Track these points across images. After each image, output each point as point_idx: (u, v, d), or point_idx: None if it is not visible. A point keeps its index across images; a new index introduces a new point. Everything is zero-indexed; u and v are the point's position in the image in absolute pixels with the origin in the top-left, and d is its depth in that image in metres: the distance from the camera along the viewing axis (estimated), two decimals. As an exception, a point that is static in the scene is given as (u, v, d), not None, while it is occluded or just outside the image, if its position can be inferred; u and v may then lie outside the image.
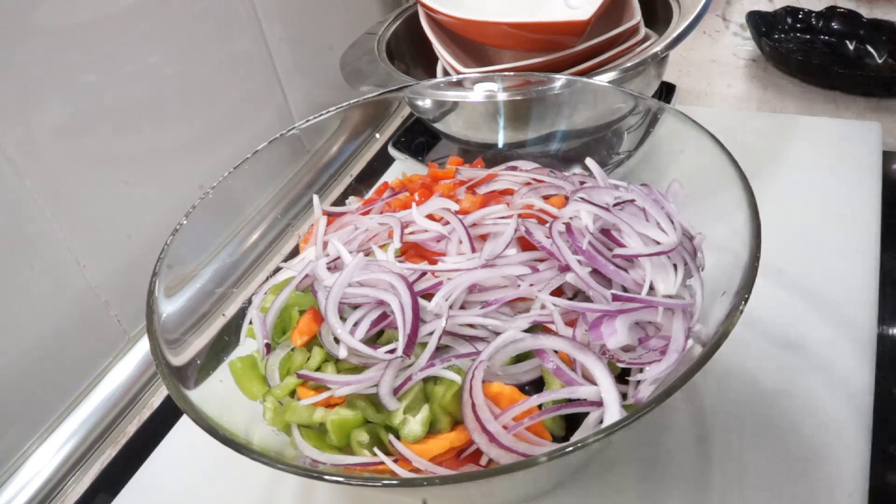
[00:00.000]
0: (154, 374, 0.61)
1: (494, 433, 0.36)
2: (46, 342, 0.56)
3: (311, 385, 0.41)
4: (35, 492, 0.53)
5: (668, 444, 0.46)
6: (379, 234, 0.47)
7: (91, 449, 0.57)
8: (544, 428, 0.38)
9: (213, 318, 0.46)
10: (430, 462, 0.37)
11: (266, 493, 0.48)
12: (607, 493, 0.44)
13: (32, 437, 0.56)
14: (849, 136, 0.69)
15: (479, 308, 0.41)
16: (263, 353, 0.44)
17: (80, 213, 0.57)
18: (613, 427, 0.31)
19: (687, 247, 0.43)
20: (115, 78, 0.57)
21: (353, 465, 0.38)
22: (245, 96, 0.73)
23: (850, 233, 0.58)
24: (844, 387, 0.47)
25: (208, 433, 0.35)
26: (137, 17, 0.58)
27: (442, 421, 0.38)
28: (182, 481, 0.51)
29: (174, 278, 0.44)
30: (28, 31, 0.50)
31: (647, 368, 0.38)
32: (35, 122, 0.52)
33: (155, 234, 0.55)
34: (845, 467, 0.43)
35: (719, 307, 0.38)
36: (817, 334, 0.51)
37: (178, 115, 0.64)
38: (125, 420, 0.59)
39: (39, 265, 0.54)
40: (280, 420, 0.40)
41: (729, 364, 0.49)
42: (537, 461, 0.30)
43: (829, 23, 0.86)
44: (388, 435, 0.38)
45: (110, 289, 0.60)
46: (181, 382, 0.38)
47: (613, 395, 0.37)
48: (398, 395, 0.39)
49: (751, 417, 0.46)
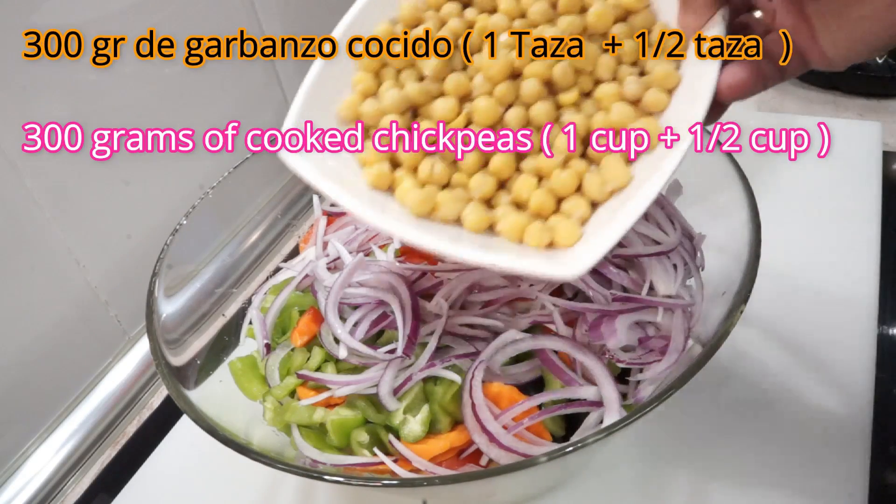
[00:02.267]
0: (154, 375, 0.61)
1: (494, 433, 0.36)
2: (46, 342, 0.56)
3: (310, 385, 0.41)
4: (35, 492, 0.53)
5: (668, 444, 0.46)
6: (379, 234, 0.47)
7: (91, 449, 0.57)
8: (544, 428, 0.38)
9: (212, 318, 0.46)
10: (430, 462, 0.37)
11: (266, 494, 0.48)
12: (607, 493, 0.44)
13: (32, 437, 0.56)
14: (849, 136, 0.68)
15: (479, 308, 0.41)
16: (263, 353, 0.44)
17: (80, 213, 0.57)
18: (613, 427, 0.31)
19: (687, 247, 0.43)
20: (116, 78, 0.57)
21: (353, 465, 0.38)
22: (245, 96, 0.73)
23: (850, 233, 0.58)
24: (844, 387, 0.47)
25: (208, 433, 0.35)
26: (137, 17, 0.58)
27: (442, 421, 0.38)
28: (182, 481, 0.51)
29: (174, 278, 0.44)
30: (28, 30, 0.50)
31: (646, 368, 0.38)
32: (35, 121, 0.52)
33: (155, 234, 0.55)
34: (845, 467, 0.43)
35: (719, 307, 0.38)
36: (817, 334, 0.51)
37: (179, 115, 0.64)
38: (125, 420, 0.59)
39: (39, 265, 0.54)
40: (280, 420, 0.40)
41: (729, 364, 0.49)
42: (537, 461, 0.30)
43: (829, 23, 0.86)
44: (388, 435, 0.38)
45: (110, 289, 0.60)
46: (181, 382, 0.38)
47: (613, 395, 0.37)
48: (398, 395, 0.39)
49: (751, 417, 0.46)
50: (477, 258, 0.30)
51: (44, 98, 0.52)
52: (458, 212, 0.33)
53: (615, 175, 0.32)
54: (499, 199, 0.33)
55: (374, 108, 0.35)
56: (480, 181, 0.33)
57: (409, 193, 0.33)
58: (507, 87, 0.34)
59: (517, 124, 0.33)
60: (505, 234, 0.32)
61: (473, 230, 0.32)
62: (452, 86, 0.35)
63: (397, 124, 0.34)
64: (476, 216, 0.32)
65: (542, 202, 0.32)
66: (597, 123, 0.33)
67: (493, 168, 0.33)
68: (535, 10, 0.35)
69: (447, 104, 0.34)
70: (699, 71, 0.32)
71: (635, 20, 0.34)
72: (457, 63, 0.36)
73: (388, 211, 0.33)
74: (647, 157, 0.32)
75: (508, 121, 0.34)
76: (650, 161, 0.32)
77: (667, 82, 0.33)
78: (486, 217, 0.32)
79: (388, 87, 0.35)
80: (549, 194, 0.32)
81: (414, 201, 0.33)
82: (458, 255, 0.30)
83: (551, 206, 0.32)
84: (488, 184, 0.33)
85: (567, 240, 0.31)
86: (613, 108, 0.33)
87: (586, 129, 0.33)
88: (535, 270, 0.29)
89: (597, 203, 0.32)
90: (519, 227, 0.32)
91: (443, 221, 0.33)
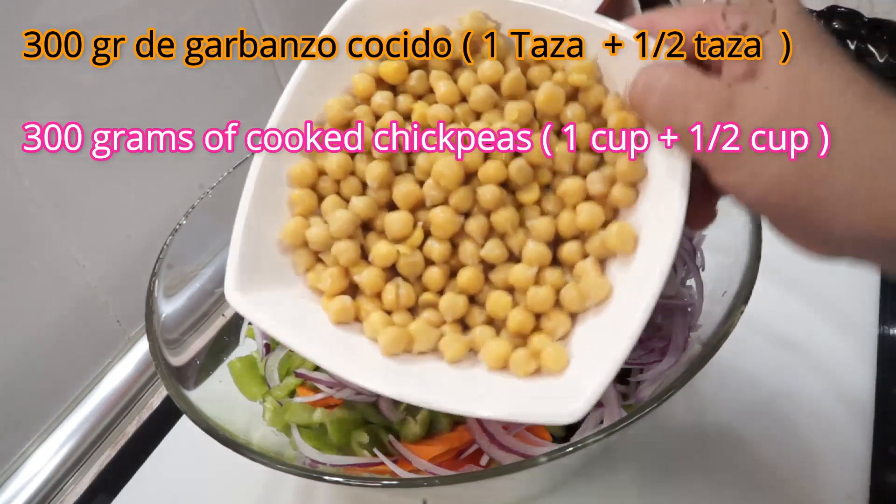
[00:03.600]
0: (153, 375, 0.61)
1: (494, 433, 0.36)
2: (45, 342, 0.55)
3: (310, 385, 0.41)
4: (34, 492, 0.53)
5: (669, 445, 0.45)
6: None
7: (90, 449, 0.57)
8: (544, 428, 0.38)
9: (212, 318, 0.46)
10: (430, 462, 0.37)
11: (266, 494, 0.48)
12: (607, 493, 0.44)
13: (31, 437, 0.56)
14: (849, 136, 0.68)
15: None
16: (263, 353, 0.44)
17: (79, 213, 0.57)
18: (612, 427, 0.31)
19: (687, 246, 0.43)
20: (115, 78, 0.57)
21: (352, 465, 0.38)
22: (245, 96, 0.73)
23: (850, 233, 0.58)
24: (845, 387, 0.47)
25: (208, 433, 0.35)
26: (137, 17, 0.58)
27: (442, 421, 0.38)
28: (181, 482, 0.51)
29: (174, 278, 0.44)
30: (28, 30, 0.50)
31: (647, 369, 0.38)
32: (35, 121, 0.52)
33: (155, 234, 0.55)
34: (845, 467, 0.43)
35: (720, 307, 0.37)
36: (818, 334, 0.51)
37: (178, 115, 0.64)
38: (124, 420, 0.59)
39: (39, 265, 0.54)
40: (279, 420, 0.40)
41: (729, 364, 0.49)
42: (537, 461, 0.30)
43: (830, 22, 0.86)
44: (388, 435, 0.38)
45: (110, 289, 0.60)
46: (181, 383, 0.38)
47: (612, 395, 0.37)
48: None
49: (751, 417, 0.46)
50: (469, 410, 0.29)
51: (44, 98, 0.52)
52: (434, 342, 0.31)
53: (594, 288, 0.30)
54: (473, 317, 0.32)
55: (323, 235, 0.32)
56: (452, 304, 0.31)
57: (380, 333, 0.31)
58: (463, 193, 0.31)
59: (481, 236, 0.32)
60: (487, 363, 0.31)
61: (453, 362, 0.31)
62: (402, 198, 0.32)
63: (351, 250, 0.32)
64: (455, 348, 0.31)
65: (520, 322, 0.31)
66: (564, 225, 0.31)
67: (462, 284, 0.32)
68: (476, 96, 0.32)
69: (402, 220, 0.32)
70: (668, 165, 0.29)
71: (587, 98, 0.32)
72: (400, 164, 0.33)
73: (358, 353, 0.31)
74: (623, 263, 0.30)
75: (470, 232, 0.32)
76: (628, 268, 0.30)
77: (632, 175, 0.30)
78: (464, 345, 0.31)
79: (333, 206, 0.33)
80: (526, 313, 0.31)
81: (387, 343, 0.30)
82: (445, 408, 0.29)
83: (531, 324, 0.31)
84: (460, 305, 0.31)
85: (556, 366, 0.29)
86: (580, 211, 0.31)
87: (553, 233, 0.32)
88: (536, 419, 0.28)
89: (575, 313, 0.31)
90: (502, 356, 0.30)
91: (419, 354, 0.31)
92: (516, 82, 0.32)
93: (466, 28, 0.33)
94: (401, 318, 0.32)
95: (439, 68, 0.34)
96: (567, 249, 0.32)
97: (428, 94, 0.34)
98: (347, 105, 0.34)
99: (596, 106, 0.32)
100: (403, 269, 0.32)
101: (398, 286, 0.32)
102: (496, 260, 0.32)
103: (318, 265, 0.33)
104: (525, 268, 0.31)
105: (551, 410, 0.28)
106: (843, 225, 0.24)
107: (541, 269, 0.31)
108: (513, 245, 0.32)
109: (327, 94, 0.35)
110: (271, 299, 0.32)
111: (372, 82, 0.34)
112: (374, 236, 0.33)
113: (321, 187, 0.34)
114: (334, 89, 0.35)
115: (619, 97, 0.31)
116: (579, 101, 0.32)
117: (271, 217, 0.34)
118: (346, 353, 0.31)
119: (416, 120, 0.33)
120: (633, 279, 0.30)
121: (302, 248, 0.33)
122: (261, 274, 0.33)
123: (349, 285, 0.33)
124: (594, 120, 0.32)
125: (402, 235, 0.32)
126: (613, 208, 0.32)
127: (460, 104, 0.33)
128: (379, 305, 0.32)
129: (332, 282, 0.32)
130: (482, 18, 0.33)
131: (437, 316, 0.32)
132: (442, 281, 0.32)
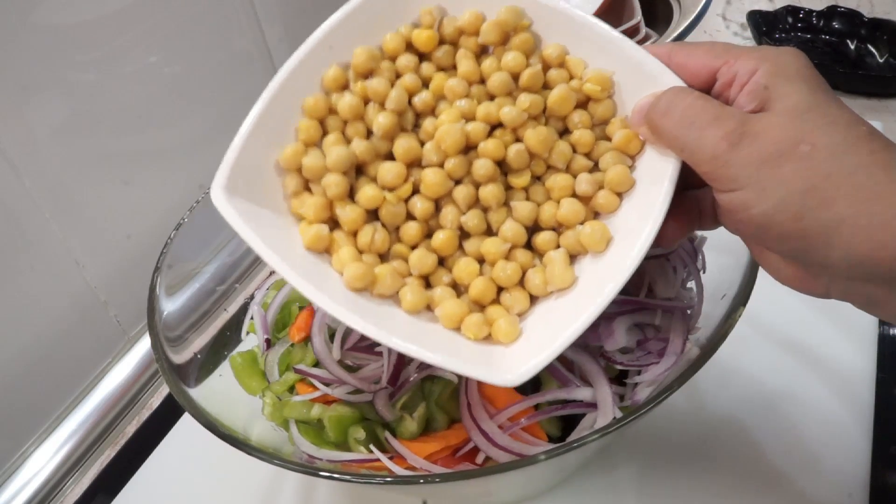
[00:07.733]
0: (153, 375, 0.61)
1: (489, 433, 0.36)
2: (45, 342, 0.56)
3: (308, 381, 0.41)
4: (34, 492, 0.53)
5: (669, 445, 0.45)
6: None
7: (90, 449, 0.57)
8: (540, 428, 0.38)
9: (214, 316, 0.47)
10: (426, 460, 0.37)
11: (266, 495, 0.48)
12: (607, 493, 0.44)
13: (31, 437, 0.56)
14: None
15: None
16: (263, 348, 0.45)
17: (79, 213, 0.57)
18: (607, 429, 0.31)
19: (687, 248, 0.43)
20: (115, 78, 0.57)
21: (349, 461, 0.38)
22: (245, 96, 0.73)
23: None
24: (845, 387, 0.47)
25: (208, 429, 0.35)
26: (137, 17, 0.58)
27: (438, 419, 0.38)
28: (181, 482, 0.51)
29: (175, 277, 0.44)
30: (27, 30, 0.50)
31: (644, 370, 0.38)
32: (34, 121, 0.52)
33: (155, 234, 0.55)
34: (846, 467, 0.43)
35: (719, 309, 0.37)
36: (818, 335, 0.51)
37: (178, 115, 0.64)
38: (124, 420, 0.59)
39: (39, 265, 0.54)
40: (278, 415, 0.41)
41: (729, 364, 0.49)
42: (534, 460, 0.30)
43: (830, 22, 0.86)
44: (385, 432, 0.38)
45: (110, 289, 0.60)
46: (182, 380, 0.38)
47: (608, 397, 0.36)
48: (395, 398, 0.39)
49: (751, 418, 0.46)
50: (411, 351, 0.29)
51: (44, 98, 0.52)
52: (396, 289, 0.32)
53: (558, 277, 0.32)
54: (438, 277, 0.33)
55: (318, 164, 0.33)
56: (421, 258, 0.32)
57: (347, 266, 0.32)
58: (460, 161, 0.33)
59: (465, 204, 0.33)
60: (441, 320, 0.32)
61: (410, 312, 0.32)
62: (402, 151, 0.33)
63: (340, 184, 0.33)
64: (413, 298, 0.32)
65: (482, 291, 0.32)
66: (545, 215, 0.33)
67: (435, 244, 0.33)
68: (495, 80, 0.34)
69: (395, 170, 0.33)
70: (655, 182, 0.31)
71: (596, 109, 0.34)
72: (407, 121, 0.34)
73: (323, 280, 0.32)
74: (593, 260, 0.32)
75: (456, 198, 0.33)
76: (595, 266, 0.32)
77: (620, 186, 0.32)
78: (423, 299, 0.32)
79: (334, 142, 0.34)
80: (490, 283, 0.32)
81: (351, 277, 0.31)
82: (391, 344, 0.29)
83: (491, 295, 0.32)
84: (429, 262, 0.33)
85: (506, 337, 0.31)
86: (563, 204, 0.32)
87: (534, 219, 0.33)
88: (471, 373, 0.29)
89: (536, 297, 0.33)
90: (457, 316, 0.31)
91: (379, 297, 0.32)
92: (535, 77, 0.34)
93: (502, 18, 0.34)
94: (370, 260, 0.33)
95: (468, 48, 0.35)
96: (542, 238, 0.33)
97: (450, 70, 0.36)
98: (374, 57, 0.35)
99: (602, 119, 0.34)
100: (385, 216, 0.33)
101: (375, 230, 0.33)
102: (474, 230, 0.33)
103: (305, 193, 0.34)
104: (499, 241, 0.33)
105: (489, 372, 0.29)
106: (842, 247, 0.25)
107: (513, 248, 0.33)
108: (493, 220, 0.33)
109: (362, 42, 0.36)
110: (253, 211, 0.33)
111: (402, 43, 0.35)
112: (365, 181, 0.34)
113: (329, 124, 0.35)
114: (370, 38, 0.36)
115: (625, 121, 0.33)
116: (588, 109, 0.34)
117: (276, 138, 0.34)
118: (312, 276, 0.31)
119: (434, 88, 0.34)
120: (597, 278, 0.31)
121: (295, 173, 0.34)
122: (250, 185, 0.34)
123: (329, 219, 0.34)
124: (597, 131, 0.34)
125: (393, 185, 0.33)
126: (595, 211, 0.33)
127: (478, 85, 0.35)
128: (353, 243, 0.33)
129: (314, 209, 0.33)
130: (518, 13, 0.34)
131: (404, 267, 0.33)
132: (418, 237, 0.33)
